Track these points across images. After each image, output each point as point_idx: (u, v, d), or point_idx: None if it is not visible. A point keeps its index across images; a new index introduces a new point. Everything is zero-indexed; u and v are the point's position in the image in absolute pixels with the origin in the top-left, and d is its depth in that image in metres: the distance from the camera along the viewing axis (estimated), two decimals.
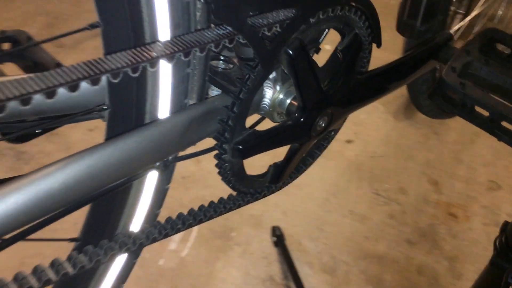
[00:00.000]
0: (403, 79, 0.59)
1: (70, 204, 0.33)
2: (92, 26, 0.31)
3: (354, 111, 0.53)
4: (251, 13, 0.36)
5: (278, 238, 1.16)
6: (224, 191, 0.57)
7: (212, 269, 1.12)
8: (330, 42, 0.58)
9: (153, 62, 0.30)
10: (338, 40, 0.52)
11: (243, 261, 1.14)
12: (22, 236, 0.33)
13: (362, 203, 1.24)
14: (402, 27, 0.67)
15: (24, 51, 0.41)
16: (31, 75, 0.27)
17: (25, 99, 0.26)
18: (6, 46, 0.40)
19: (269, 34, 0.38)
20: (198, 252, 1.14)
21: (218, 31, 0.34)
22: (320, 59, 0.50)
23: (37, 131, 0.39)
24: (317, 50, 0.49)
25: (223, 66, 0.43)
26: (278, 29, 0.38)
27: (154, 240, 0.41)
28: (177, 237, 1.16)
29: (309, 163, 0.55)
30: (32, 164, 1.26)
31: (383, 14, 0.57)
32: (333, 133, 0.55)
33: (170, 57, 0.31)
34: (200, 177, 1.28)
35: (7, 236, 0.31)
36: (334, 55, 0.48)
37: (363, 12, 0.45)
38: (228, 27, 0.34)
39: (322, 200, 1.26)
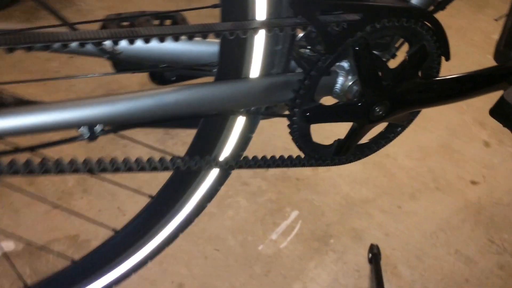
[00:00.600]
0: (468, 93, 0.66)
1: (180, 117, 0.55)
2: (214, 6, 0.54)
3: (413, 110, 0.64)
4: (323, 10, 0.53)
5: (374, 256, 1.24)
6: (328, 198, 0.73)
7: (305, 267, 1.27)
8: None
9: (255, 30, 0.51)
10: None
11: (335, 268, 1.25)
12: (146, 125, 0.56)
13: (472, 246, 1.23)
14: (497, 55, 0.74)
15: None
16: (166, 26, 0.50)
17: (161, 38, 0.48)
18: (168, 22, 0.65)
19: (336, 29, 0.55)
20: (295, 248, 1.30)
21: (296, 20, 0.53)
22: None
23: (172, 78, 0.62)
24: (393, 55, 0.63)
25: (308, 53, 0.61)
26: (345, 27, 0.55)
27: (239, 166, 0.60)
28: (280, 229, 1.35)
29: (374, 150, 0.68)
30: (175, 139, 1.60)
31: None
32: (399, 128, 0.66)
33: (262, 29, 0.51)
34: (313, 182, 1.45)
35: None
36: (404, 59, 0.62)
37: (430, 28, 0.58)
38: (302, 18, 0.53)
39: (429, 232, 1.29)
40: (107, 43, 0.49)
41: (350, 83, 0.62)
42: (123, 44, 0.49)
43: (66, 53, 0.55)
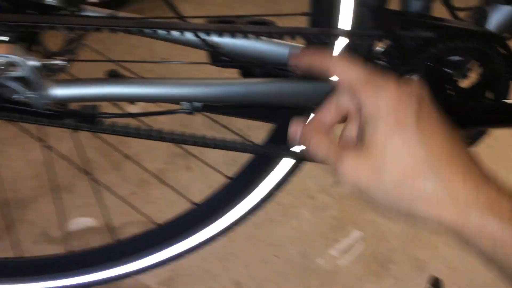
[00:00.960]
0: None
1: (265, 105, 0.66)
2: (304, 14, 0.65)
3: (476, 127, 0.69)
4: (401, 25, 0.62)
5: None
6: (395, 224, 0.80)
7: (361, 287, 1.31)
8: None
9: (338, 37, 0.61)
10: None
11: None
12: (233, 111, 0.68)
13: None
14: None
15: None
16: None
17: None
18: None
19: (412, 44, 0.63)
20: (353, 267, 1.35)
21: (375, 32, 0.62)
22: None
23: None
24: (463, 75, 0.69)
25: (382, 64, 0.70)
26: (420, 43, 0.62)
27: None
28: (340, 246, 1.40)
29: None
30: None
31: None
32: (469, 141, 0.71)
33: (344, 37, 0.61)
34: None
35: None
36: (474, 79, 0.67)
37: (502, 52, 0.63)
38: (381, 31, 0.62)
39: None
40: (211, 37, 0.62)
41: None
42: (225, 40, 0.61)
43: (173, 42, 0.68)
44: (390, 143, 0.40)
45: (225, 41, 0.66)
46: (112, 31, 0.54)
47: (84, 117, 0.58)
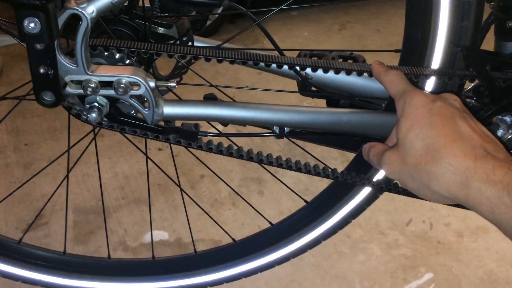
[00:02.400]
0: None
1: (349, 135, 0.69)
2: (396, 51, 0.68)
3: None
4: (493, 66, 0.63)
5: None
6: (469, 270, 0.80)
7: None
8: None
9: (427, 76, 0.64)
10: None
11: None
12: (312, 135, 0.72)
13: None
14: None
15: None
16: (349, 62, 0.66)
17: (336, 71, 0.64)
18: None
19: (503, 84, 0.63)
20: None
21: (466, 72, 0.64)
22: None
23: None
24: None
25: (473, 103, 0.71)
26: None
27: (389, 189, 0.71)
28: (410, 287, 1.36)
29: None
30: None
31: None
32: None
33: (434, 76, 0.64)
34: (455, 249, 1.43)
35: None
36: None
37: None
38: (473, 71, 0.63)
39: None
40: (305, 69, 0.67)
41: (509, 137, 0.69)
42: (316, 72, 0.66)
43: (268, 71, 0.74)
44: (409, 136, 0.51)
45: (317, 73, 0.71)
46: (219, 62, 0.61)
47: (185, 134, 0.65)
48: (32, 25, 0.48)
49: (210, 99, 0.68)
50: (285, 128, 0.68)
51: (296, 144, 0.80)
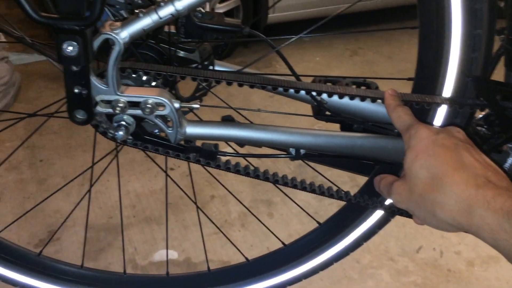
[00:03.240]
0: None
1: (361, 158, 0.72)
2: (409, 79, 0.71)
3: None
4: (503, 96, 0.66)
5: None
6: None
7: None
8: None
9: (439, 105, 0.67)
10: None
11: None
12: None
13: None
14: None
15: None
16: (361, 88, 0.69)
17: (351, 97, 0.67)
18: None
19: None
20: None
21: (477, 101, 0.66)
22: None
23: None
24: None
25: (484, 131, 0.73)
26: None
27: (400, 213, 0.74)
28: None
29: None
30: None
31: None
32: None
33: (445, 104, 0.67)
34: (466, 278, 1.43)
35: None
36: None
37: None
38: (483, 101, 0.66)
39: None
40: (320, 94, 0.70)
41: None
42: (332, 97, 0.70)
43: (285, 95, 0.78)
44: (415, 166, 0.55)
45: (332, 98, 0.74)
46: (240, 85, 0.65)
47: (205, 153, 0.68)
48: (70, 48, 0.52)
49: (226, 121, 0.71)
50: (301, 150, 0.71)
51: (310, 166, 0.82)
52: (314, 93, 0.69)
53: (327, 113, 0.79)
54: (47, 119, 0.82)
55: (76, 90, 0.56)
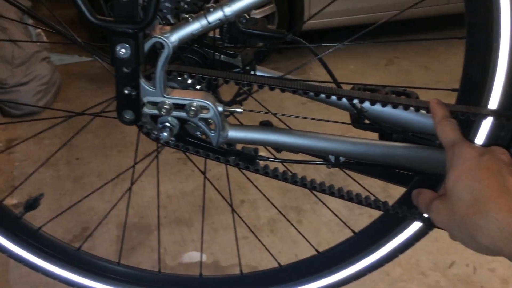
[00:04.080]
0: None
1: (401, 168, 0.72)
2: (453, 90, 0.70)
3: None
4: None
5: None
6: None
7: None
8: None
9: (485, 117, 0.66)
10: None
11: None
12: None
13: None
14: None
15: None
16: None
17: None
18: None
19: None
20: None
21: None
22: None
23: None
24: None
25: None
26: None
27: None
28: None
29: None
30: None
31: None
32: None
33: (491, 116, 0.66)
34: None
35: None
36: None
37: None
38: None
39: None
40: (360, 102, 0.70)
41: None
42: (373, 106, 0.70)
43: (325, 102, 0.78)
44: (457, 187, 0.54)
45: (373, 106, 0.74)
46: (282, 91, 0.66)
47: (245, 157, 0.69)
48: (123, 50, 0.54)
49: (266, 126, 0.72)
50: (340, 158, 0.71)
51: (348, 175, 0.82)
52: (355, 101, 0.69)
53: (366, 121, 0.79)
54: (92, 118, 0.85)
55: (125, 91, 0.58)
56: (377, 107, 0.72)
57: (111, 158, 2.05)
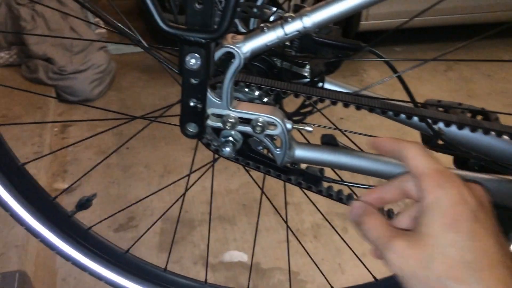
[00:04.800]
0: None
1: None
2: None
3: None
4: None
5: None
6: None
7: None
8: None
9: None
10: None
11: None
12: None
13: None
14: None
15: None
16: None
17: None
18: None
19: None
20: None
21: None
22: None
23: (474, 167, 0.71)
24: None
25: None
26: None
27: None
28: None
29: None
30: None
31: None
32: None
33: None
34: None
35: None
36: None
37: None
38: None
39: None
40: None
41: None
42: (450, 128, 0.62)
43: (397, 120, 0.70)
44: (443, 238, 0.41)
45: (450, 128, 0.66)
46: (358, 108, 0.59)
47: (310, 177, 0.63)
48: (193, 61, 0.49)
49: (329, 140, 0.65)
50: None
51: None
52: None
53: (440, 142, 0.71)
54: (149, 123, 0.81)
55: (191, 103, 0.53)
56: (455, 129, 0.65)
57: (159, 149, 2.05)
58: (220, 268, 1.58)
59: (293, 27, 0.52)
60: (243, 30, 0.75)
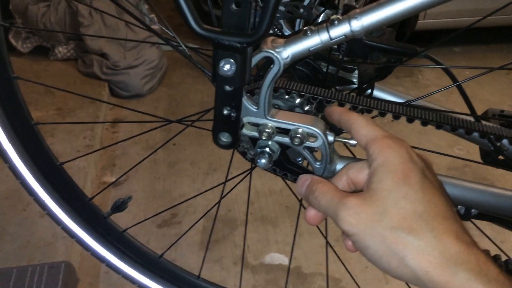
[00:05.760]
0: None
1: None
2: None
3: None
4: None
5: None
6: None
7: None
8: None
9: None
10: None
11: None
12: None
13: None
14: None
15: None
16: None
17: None
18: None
19: None
20: None
21: None
22: None
23: None
24: None
25: None
26: None
27: None
28: None
29: None
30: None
31: None
32: None
33: None
34: None
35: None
36: None
37: None
38: None
39: None
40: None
41: None
42: None
43: (456, 134, 0.63)
44: (394, 193, 0.41)
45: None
46: (410, 121, 0.52)
47: None
48: (227, 67, 0.44)
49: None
50: (473, 210, 0.56)
51: (477, 227, 0.66)
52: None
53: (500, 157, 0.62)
54: (185, 127, 0.78)
55: (225, 112, 0.48)
56: None
57: (205, 147, 2.03)
58: (261, 270, 1.54)
59: (340, 30, 0.46)
60: (288, 32, 0.69)
